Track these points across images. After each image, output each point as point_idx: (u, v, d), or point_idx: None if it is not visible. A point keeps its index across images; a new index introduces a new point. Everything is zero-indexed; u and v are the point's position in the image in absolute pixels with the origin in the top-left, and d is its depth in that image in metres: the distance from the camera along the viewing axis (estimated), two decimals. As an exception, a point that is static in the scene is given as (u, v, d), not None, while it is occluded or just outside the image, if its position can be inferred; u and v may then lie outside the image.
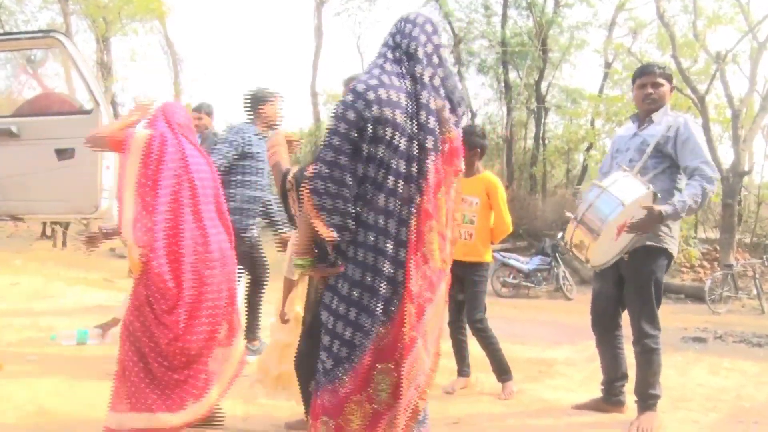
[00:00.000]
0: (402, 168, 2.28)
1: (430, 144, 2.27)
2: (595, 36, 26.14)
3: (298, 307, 3.35)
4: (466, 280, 4.29)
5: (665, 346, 3.77)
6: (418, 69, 2.31)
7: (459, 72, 18.55)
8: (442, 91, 2.36)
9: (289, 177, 2.96)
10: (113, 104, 15.64)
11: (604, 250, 3.51)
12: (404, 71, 2.34)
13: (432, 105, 2.30)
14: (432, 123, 2.29)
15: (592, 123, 17.57)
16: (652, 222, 3.43)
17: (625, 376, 4.00)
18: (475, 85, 21.59)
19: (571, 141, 18.15)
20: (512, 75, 19.31)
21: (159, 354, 3.11)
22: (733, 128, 13.39)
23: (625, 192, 3.34)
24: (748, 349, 6.60)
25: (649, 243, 3.61)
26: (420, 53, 2.34)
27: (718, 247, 13.27)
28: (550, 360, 5.54)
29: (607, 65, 17.77)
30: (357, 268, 2.28)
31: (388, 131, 2.25)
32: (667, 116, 3.79)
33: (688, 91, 13.15)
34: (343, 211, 2.25)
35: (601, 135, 16.83)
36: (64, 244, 13.17)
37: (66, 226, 13.16)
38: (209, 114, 6.08)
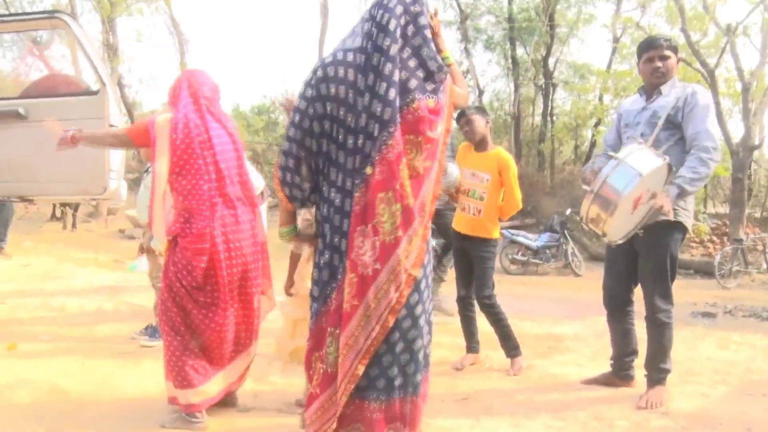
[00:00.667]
0: (349, 141, 2.34)
1: (387, 116, 2.27)
2: (603, 10, 25.80)
3: (308, 282, 3.35)
4: (475, 257, 4.28)
5: (675, 321, 3.76)
6: (386, 42, 2.30)
7: (466, 48, 18.39)
8: (412, 62, 2.34)
9: None
10: (119, 85, 15.59)
11: (621, 223, 3.47)
12: (368, 45, 2.34)
13: (395, 77, 2.28)
14: (392, 94, 2.27)
15: (601, 98, 17.43)
16: (667, 205, 3.37)
17: (635, 352, 3.99)
18: (483, 61, 21.36)
19: (580, 117, 18.01)
20: (519, 51, 19.13)
21: (193, 329, 3.20)
22: (743, 102, 13.24)
23: (641, 163, 3.29)
24: (758, 323, 6.59)
25: (663, 218, 3.57)
26: (392, 25, 2.31)
27: (727, 222, 13.20)
28: (559, 336, 5.53)
29: (616, 40, 17.55)
30: (319, 239, 2.45)
31: (334, 107, 2.34)
32: (675, 88, 3.73)
33: (698, 65, 12.99)
34: (299, 185, 2.43)
35: (609, 111, 16.67)
36: (74, 225, 13.21)
37: (75, 207, 13.20)
38: None
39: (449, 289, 5.24)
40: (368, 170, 2.27)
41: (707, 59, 13.41)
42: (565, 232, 11.95)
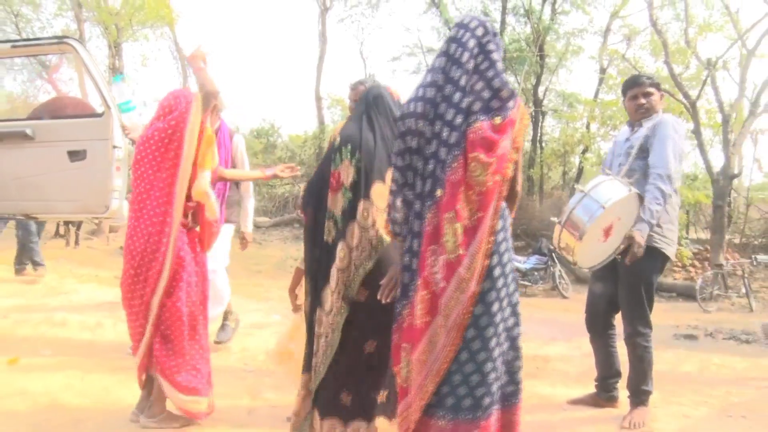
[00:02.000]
0: (420, 167, 2.42)
1: (452, 140, 2.33)
2: (590, 42, 26.13)
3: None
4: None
5: (657, 343, 3.77)
6: (458, 73, 2.38)
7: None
8: (478, 85, 2.38)
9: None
10: (124, 108, 15.63)
11: (593, 251, 3.52)
12: (440, 77, 2.42)
13: (463, 104, 2.35)
14: (459, 120, 2.34)
15: (588, 126, 17.54)
16: (637, 247, 3.47)
17: (618, 373, 3.99)
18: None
19: (568, 144, 18.11)
20: (510, 80, 19.28)
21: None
22: (723, 133, 13.36)
23: (606, 195, 3.37)
24: (737, 345, 6.59)
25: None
26: (464, 58, 2.39)
27: (708, 248, 13.25)
28: (547, 356, 5.53)
29: (602, 71, 17.73)
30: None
31: (415, 139, 2.43)
32: (652, 119, 3.81)
33: (680, 96, 13.11)
34: (391, 209, 2.50)
35: (596, 138, 16.81)
36: (76, 242, 13.14)
37: (78, 225, 13.15)
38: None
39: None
40: (438, 193, 2.33)
41: (689, 91, 13.56)
42: (553, 255, 11.96)
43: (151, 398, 3.39)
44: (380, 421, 2.91)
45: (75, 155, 4.94)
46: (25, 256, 8.06)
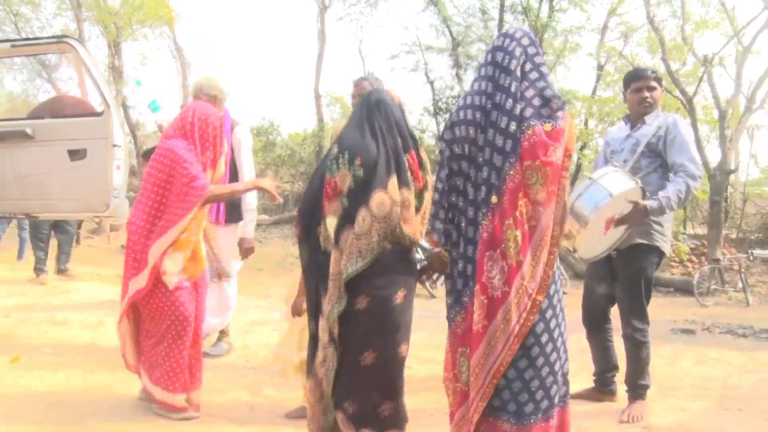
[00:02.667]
0: (478, 175, 2.45)
1: (508, 147, 2.37)
2: (588, 40, 26.14)
3: None
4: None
5: (655, 337, 3.78)
6: (507, 80, 2.43)
7: (458, 74, 18.52)
8: (529, 92, 2.42)
9: None
10: (124, 106, 15.62)
11: (592, 242, 3.51)
12: (489, 86, 2.48)
13: (515, 111, 2.38)
14: (512, 127, 2.37)
15: (586, 123, 17.52)
16: (638, 215, 3.43)
17: (615, 367, 4.00)
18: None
19: (565, 141, 18.09)
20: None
21: None
22: (720, 128, 13.38)
23: (613, 184, 3.34)
24: (734, 339, 6.60)
25: (639, 241, 3.61)
26: (513, 65, 2.45)
27: (705, 243, 13.26)
28: (545, 351, 5.52)
29: (600, 68, 17.71)
30: (450, 263, 2.55)
31: (464, 146, 2.49)
32: (658, 117, 3.78)
33: (677, 93, 13.12)
34: (433, 218, 2.59)
35: (594, 135, 16.79)
36: (77, 241, 13.12)
37: (79, 224, 13.14)
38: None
39: (440, 305, 5.23)
40: (494, 199, 2.36)
41: (686, 87, 13.56)
42: (551, 250, 11.99)
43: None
44: None
45: (75, 154, 4.94)
46: (62, 260, 8.29)
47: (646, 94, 3.79)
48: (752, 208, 16.05)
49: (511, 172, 2.34)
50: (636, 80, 3.86)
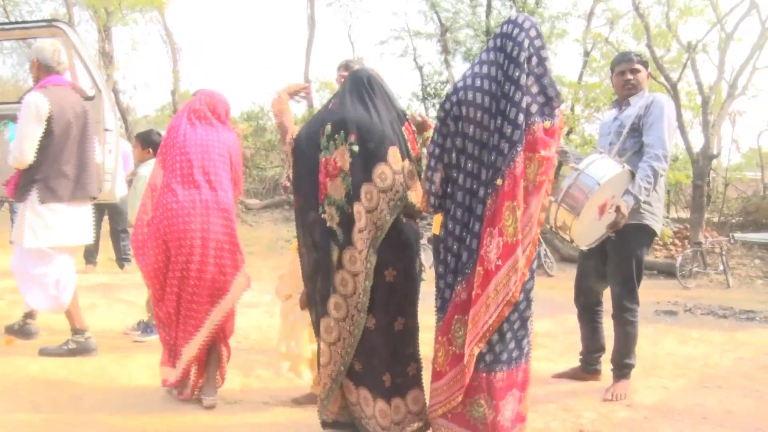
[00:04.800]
0: (484, 156, 2.54)
1: (516, 137, 2.47)
2: (574, 26, 26.11)
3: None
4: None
5: (639, 318, 3.82)
6: (517, 72, 2.51)
7: (446, 60, 18.45)
8: (534, 88, 2.53)
9: (288, 139, 2.96)
10: (114, 91, 15.45)
11: (588, 230, 3.51)
12: (499, 73, 2.55)
13: (523, 104, 2.48)
14: (521, 119, 2.47)
15: (572, 109, 17.52)
16: (623, 217, 3.48)
17: (602, 348, 4.04)
18: (462, 72, 21.42)
19: (552, 126, 18.10)
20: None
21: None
22: (703, 114, 13.40)
23: (600, 172, 3.35)
24: (715, 320, 6.69)
25: (631, 221, 3.62)
26: (521, 58, 2.52)
27: (688, 226, 13.36)
28: (532, 332, 5.56)
29: (586, 54, 17.66)
30: (449, 237, 2.64)
31: (467, 126, 2.55)
32: (643, 98, 3.79)
33: (662, 79, 13.13)
34: (436, 194, 2.67)
35: (580, 120, 16.80)
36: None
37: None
38: None
39: (429, 287, 5.25)
40: (499, 182, 2.48)
41: (670, 74, 13.58)
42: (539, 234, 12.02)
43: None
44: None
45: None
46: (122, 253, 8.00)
47: (630, 76, 3.83)
48: (733, 192, 16.15)
49: (517, 159, 2.46)
50: (620, 63, 3.91)
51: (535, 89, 2.52)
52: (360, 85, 2.84)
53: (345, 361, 2.75)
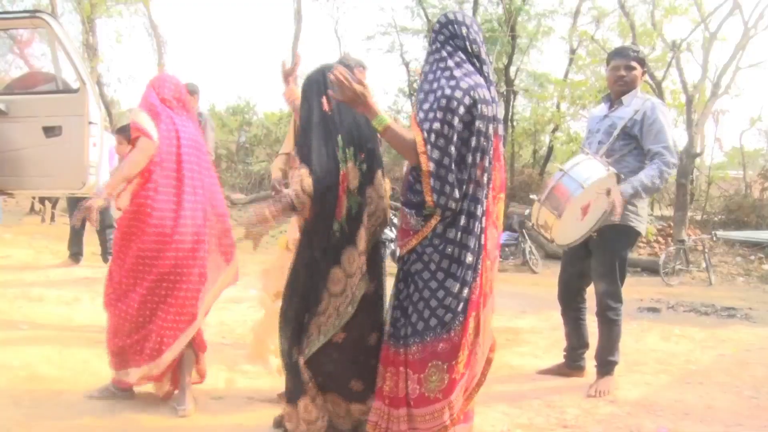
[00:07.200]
0: (487, 152, 2.53)
1: (500, 131, 2.54)
2: (560, 23, 26.16)
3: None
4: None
5: (623, 315, 3.85)
6: (486, 68, 2.54)
7: (432, 56, 18.41)
8: (493, 91, 2.57)
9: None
10: (99, 84, 15.30)
11: (570, 229, 3.52)
12: (482, 82, 2.52)
13: (497, 98, 2.55)
14: (500, 113, 2.56)
15: (558, 106, 17.60)
16: (618, 206, 3.37)
17: (586, 344, 4.07)
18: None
19: (538, 123, 18.16)
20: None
21: None
22: (687, 113, 13.52)
23: (585, 174, 3.36)
24: (697, 317, 6.75)
25: (615, 221, 3.62)
26: (483, 54, 2.55)
27: (672, 224, 13.47)
28: (517, 329, 5.60)
29: (572, 51, 17.76)
30: (472, 237, 2.55)
31: (489, 126, 2.50)
32: (636, 99, 3.74)
33: (647, 77, 13.23)
34: (449, 187, 2.52)
35: (566, 117, 16.89)
36: (52, 219, 12.91)
37: (54, 201, 12.91)
38: (194, 93, 5.92)
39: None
40: (490, 177, 2.54)
41: (655, 72, 13.68)
42: (524, 231, 12.04)
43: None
44: None
45: (50, 131, 4.86)
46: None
47: (623, 72, 3.76)
48: (716, 191, 16.33)
49: (498, 153, 2.55)
50: (616, 58, 3.83)
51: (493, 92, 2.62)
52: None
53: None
